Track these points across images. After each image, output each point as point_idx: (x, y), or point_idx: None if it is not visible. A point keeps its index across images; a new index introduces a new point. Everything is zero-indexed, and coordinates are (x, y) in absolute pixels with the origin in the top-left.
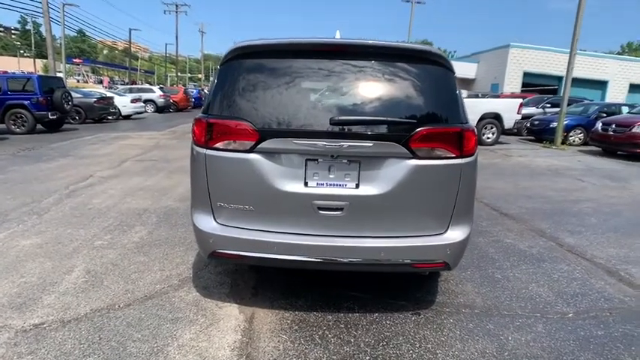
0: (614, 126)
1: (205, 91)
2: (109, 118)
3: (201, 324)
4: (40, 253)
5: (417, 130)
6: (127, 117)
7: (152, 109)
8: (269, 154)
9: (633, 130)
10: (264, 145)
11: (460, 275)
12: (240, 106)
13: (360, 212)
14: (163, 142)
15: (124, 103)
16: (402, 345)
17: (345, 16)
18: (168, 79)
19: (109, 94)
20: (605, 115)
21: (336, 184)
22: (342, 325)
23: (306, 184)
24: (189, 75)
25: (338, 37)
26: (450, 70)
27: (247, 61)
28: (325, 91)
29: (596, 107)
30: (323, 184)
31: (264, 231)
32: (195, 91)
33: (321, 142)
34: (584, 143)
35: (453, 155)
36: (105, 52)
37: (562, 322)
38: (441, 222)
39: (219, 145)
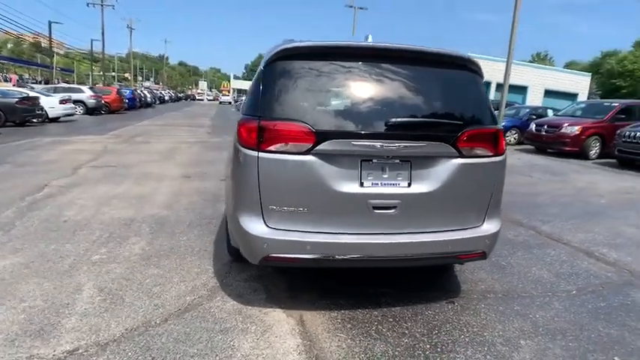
0: (546, 127)
1: (139, 91)
2: (34, 120)
3: (254, 332)
4: (29, 273)
5: (464, 130)
6: (55, 119)
7: (82, 111)
8: (325, 155)
9: (562, 130)
10: (322, 146)
11: (470, 265)
12: (293, 107)
13: (411, 209)
14: (111, 146)
15: (51, 104)
16: (452, 331)
17: (294, 18)
18: (91, 78)
19: (32, 94)
20: (534, 117)
21: (390, 184)
22: (391, 319)
23: (362, 184)
24: (115, 74)
25: (370, 41)
26: (481, 76)
27: (296, 62)
28: (376, 93)
29: (527, 110)
30: (378, 184)
31: (319, 232)
32: (128, 91)
33: (378, 143)
34: (519, 142)
35: (490, 154)
36: (10, 45)
37: (571, 299)
38: (479, 215)
39: (273, 147)
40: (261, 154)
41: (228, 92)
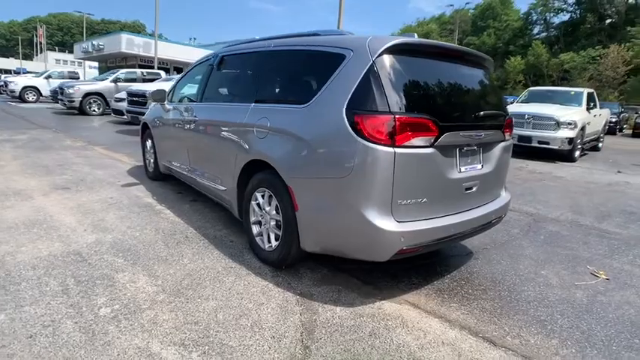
0: None
1: None
2: None
3: (397, 326)
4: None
5: (506, 118)
6: None
7: None
8: (440, 147)
9: None
10: (442, 139)
11: None
12: (416, 102)
13: (483, 186)
14: None
15: None
16: (505, 277)
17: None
18: None
19: None
20: None
21: (472, 167)
22: (463, 282)
23: (460, 170)
24: None
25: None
26: None
27: (410, 57)
28: (463, 89)
29: None
30: (467, 169)
31: (434, 217)
32: None
33: (474, 133)
34: None
35: (510, 137)
36: None
37: (526, 238)
38: (502, 186)
39: (407, 142)
40: (398, 150)
41: None
